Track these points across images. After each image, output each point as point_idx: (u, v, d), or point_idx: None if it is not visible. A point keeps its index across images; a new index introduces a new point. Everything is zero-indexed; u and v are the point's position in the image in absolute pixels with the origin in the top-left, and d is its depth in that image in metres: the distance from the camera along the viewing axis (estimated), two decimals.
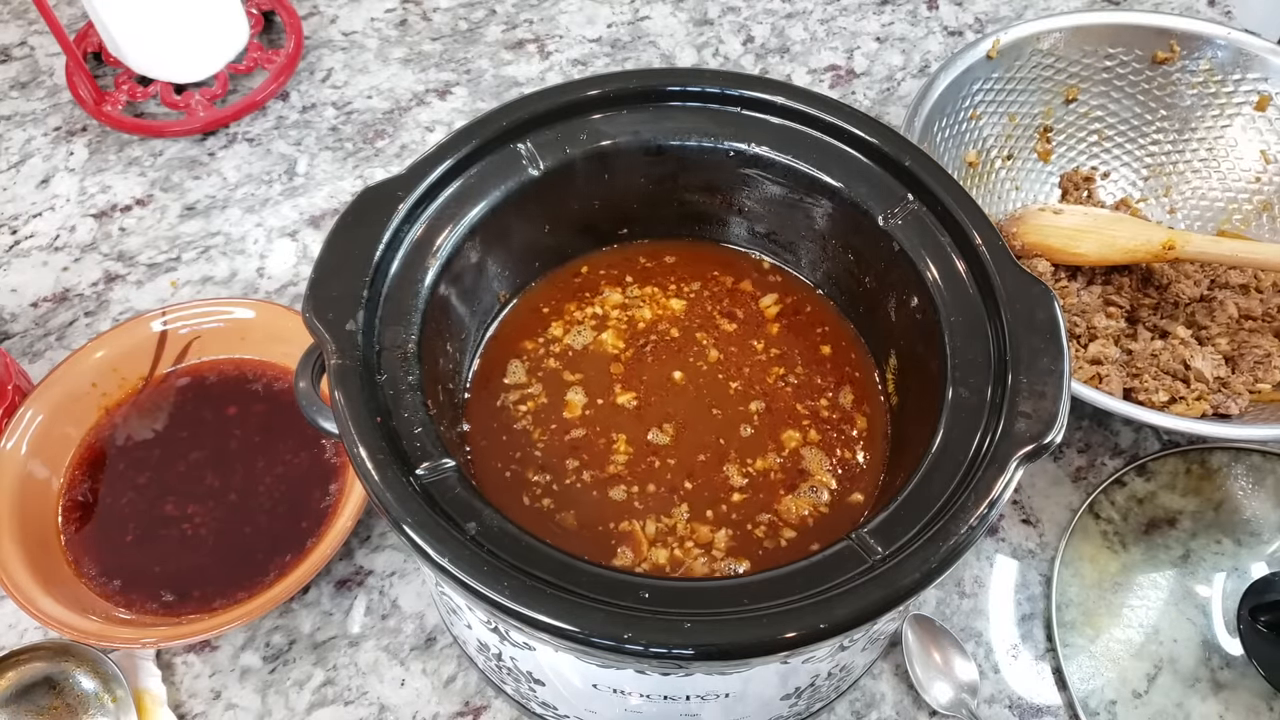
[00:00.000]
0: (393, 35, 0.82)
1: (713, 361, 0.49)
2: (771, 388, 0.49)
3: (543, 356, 0.50)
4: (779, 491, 0.45)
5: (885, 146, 0.46)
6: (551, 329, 0.51)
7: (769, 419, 0.48)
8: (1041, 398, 0.38)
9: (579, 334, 0.50)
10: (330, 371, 0.38)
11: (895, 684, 0.54)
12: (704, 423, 0.48)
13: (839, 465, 0.46)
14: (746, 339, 0.50)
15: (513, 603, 0.34)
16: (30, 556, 0.53)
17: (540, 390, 0.49)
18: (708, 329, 0.51)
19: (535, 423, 0.48)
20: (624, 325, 0.51)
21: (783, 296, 0.52)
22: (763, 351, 0.50)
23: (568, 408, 0.48)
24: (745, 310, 0.51)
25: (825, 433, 0.47)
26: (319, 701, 0.53)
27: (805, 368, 0.49)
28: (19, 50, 0.80)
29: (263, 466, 0.58)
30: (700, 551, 0.44)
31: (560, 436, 0.47)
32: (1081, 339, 0.61)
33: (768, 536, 0.44)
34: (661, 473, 0.46)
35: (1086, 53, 0.69)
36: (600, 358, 0.50)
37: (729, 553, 0.44)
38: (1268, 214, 0.68)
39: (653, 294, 0.52)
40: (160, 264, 0.69)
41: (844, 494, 0.46)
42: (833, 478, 0.46)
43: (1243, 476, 0.60)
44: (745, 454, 0.47)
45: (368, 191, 0.43)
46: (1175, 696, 0.53)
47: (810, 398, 0.48)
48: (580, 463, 0.46)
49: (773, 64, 0.82)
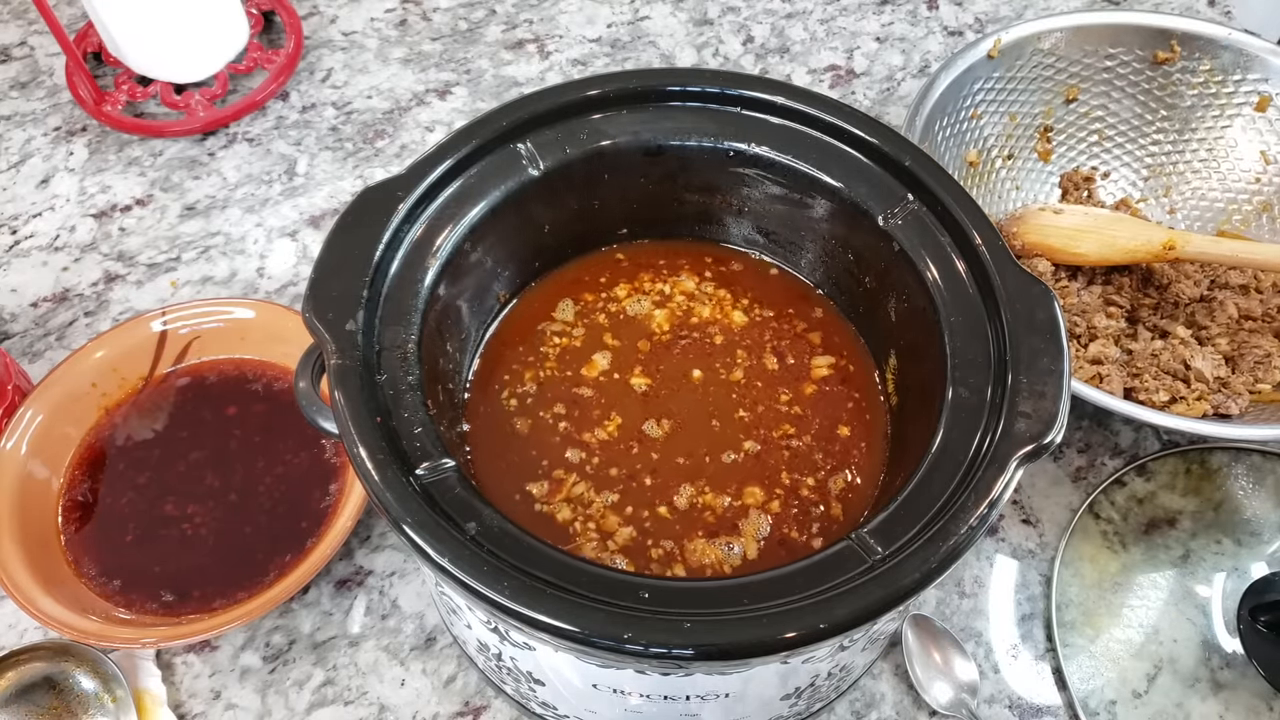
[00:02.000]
0: (393, 35, 0.82)
1: (734, 380, 0.49)
2: (772, 440, 0.47)
3: (597, 309, 0.51)
4: (697, 531, 0.44)
5: (885, 146, 0.46)
6: (616, 289, 0.52)
7: (751, 465, 0.46)
8: (1041, 398, 0.38)
9: (638, 303, 0.51)
10: (330, 371, 0.38)
11: (895, 684, 0.54)
12: (698, 431, 0.47)
13: (775, 543, 0.44)
14: (778, 383, 0.49)
15: (513, 603, 0.34)
16: (30, 556, 0.53)
17: (580, 335, 0.50)
18: (751, 351, 0.50)
19: (558, 360, 0.49)
20: (680, 312, 0.51)
21: (839, 363, 0.50)
22: (785, 403, 0.48)
23: (589, 365, 0.49)
24: (797, 359, 0.50)
25: (787, 509, 0.45)
26: (319, 701, 0.53)
27: (814, 440, 0.47)
28: (19, 50, 0.80)
29: (263, 466, 0.58)
30: (595, 535, 0.44)
31: (570, 384, 0.49)
32: (1081, 339, 0.61)
33: (657, 561, 0.44)
34: (633, 457, 0.46)
35: (1087, 53, 0.69)
36: (642, 330, 0.50)
37: (620, 549, 0.44)
38: (1268, 214, 0.68)
39: (722, 296, 0.52)
40: (160, 264, 0.69)
41: (743, 569, 0.44)
42: (755, 548, 0.44)
43: (1243, 476, 0.60)
44: (709, 479, 0.46)
45: (368, 191, 0.43)
46: (1175, 696, 0.53)
47: (799, 471, 0.46)
48: (566, 413, 0.48)
49: (773, 64, 0.82)
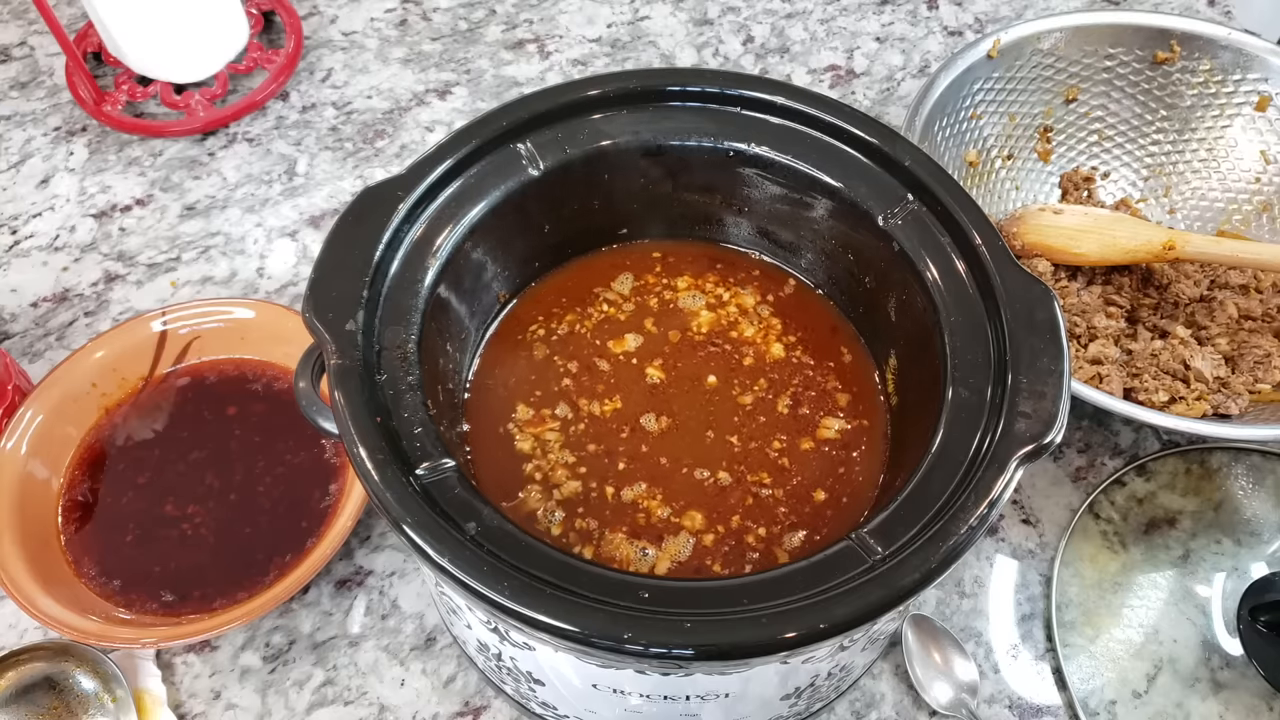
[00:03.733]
0: (393, 35, 0.82)
1: (742, 403, 0.48)
2: (745, 480, 0.45)
3: (653, 292, 0.51)
4: (623, 525, 0.44)
5: (885, 146, 0.46)
6: (679, 280, 0.52)
7: (712, 493, 0.45)
8: (1041, 398, 0.38)
9: (692, 298, 0.51)
10: (330, 371, 0.38)
11: (895, 684, 0.54)
12: (689, 439, 0.47)
13: (690, 568, 0.43)
14: (779, 428, 0.47)
15: (513, 603, 0.34)
16: (30, 556, 0.53)
17: (617, 311, 0.51)
18: (773, 387, 0.48)
19: (596, 325, 0.50)
20: (725, 321, 0.50)
21: (850, 426, 0.47)
22: (776, 450, 0.46)
23: (619, 341, 0.50)
24: (811, 411, 0.48)
25: (719, 546, 0.44)
26: (319, 701, 0.53)
27: (785, 496, 0.45)
28: (19, 50, 0.80)
29: (263, 466, 0.58)
30: (540, 481, 0.45)
31: (594, 351, 0.49)
32: (1081, 339, 0.61)
33: (576, 533, 0.44)
34: (618, 439, 0.46)
35: (1087, 53, 0.69)
36: (682, 324, 0.50)
37: (561, 503, 0.45)
38: (1268, 214, 0.68)
39: (772, 324, 0.50)
40: (160, 264, 0.69)
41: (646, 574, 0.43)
42: (666, 565, 0.43)
43: (1243, 476, 0.60)
44: (667, 488, 0.45)
45: (368, 191, 0.43)
46: (1175, 696, 0.53)
47: (754, 519, 0.45)
48: (576, 372, 0.48)
49: (773, 64, 0.82)
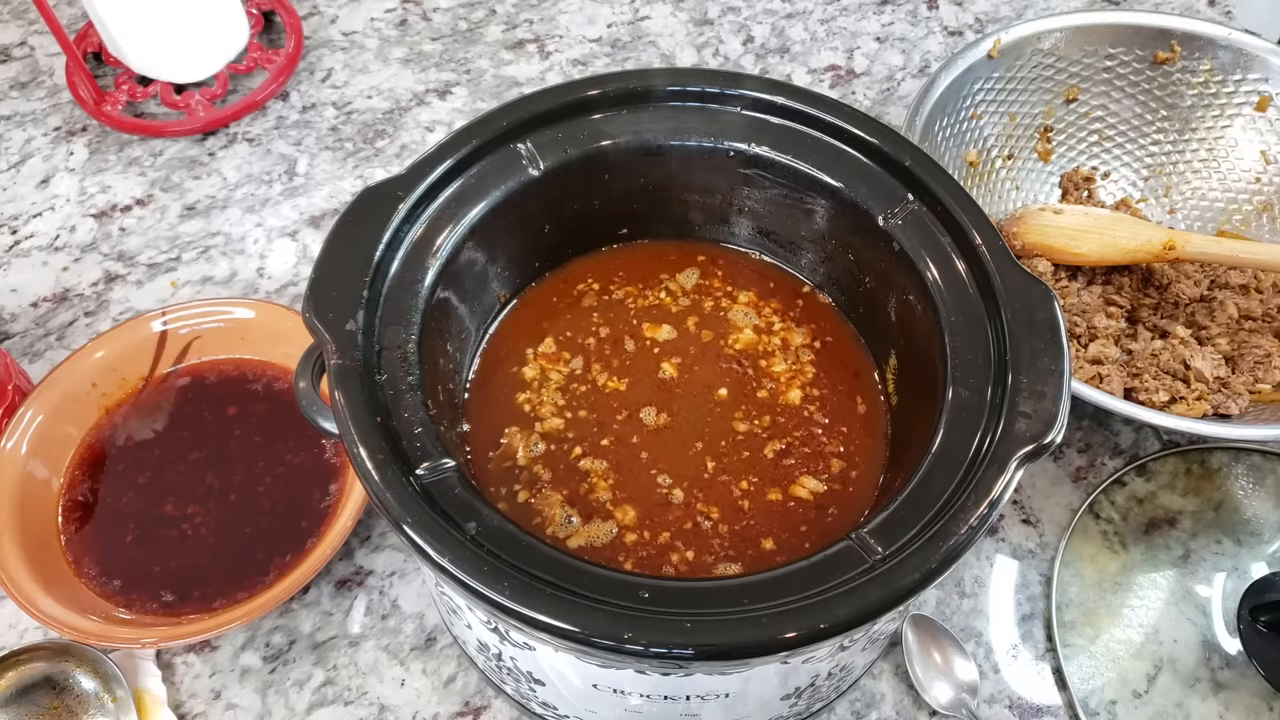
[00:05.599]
0: (393, 35, 0.82)
1: (736, 430, 0.47)
2: (694, 511, 0.45)
3: (712, 292, 0.52)
4: (563, 491, 0.45)
5: (885, 146, 0.46)
6: (740, 295, 0.52)
7: (659, 504, 0.45)
8: (1041, 398, 0.38)
9: (742, 314, 0.51)
10: (330, 371, 0.38)
11: (895, 684, 0.54)
12: (677, 445, 0.46)
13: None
14: (753, 470, 0.46)
15: (513, 603, 0.34)
16: (30, 556, 0.53)
17: (672, 301, 0.51)
18: (773, 430, 0.47)
19: (640, 310, 0.51)
20: (762, 348, 0.50)
21: (826, 490, 0.46)
22: (740, 491, 0.46)
23: (654, 328, 0.50)
24: (795, 464, 0.46)
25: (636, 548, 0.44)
26: (319, 701, 0.53)
27: (722, 536, 0.45)
28: (19, 50, 0.80)
29: (263, 466, 0.58)
30: (528, 421, 0.47)
31: (628, 331, 0.50)
32: (1081, 339, 0.61)
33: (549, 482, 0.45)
34: (610, 416, 0.46)
35: (1087, 53, 0.69)
36: (723, 331, 0.50)
37: (542, 435, 0.47)
38: (1268, 214, 0.68)
39: (807, 374, 0.49)
40: (160, 264, 0.69)
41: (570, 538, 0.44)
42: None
43: (1243, 476, 0.60)
44: (630, 482, 0.45)
45: (368, 191, 0.43)
46: (1175, 696, 0.53)
47: (697, 545, 0.44)
48: (599, 339, 0.50)
49: (773, 64, 0.82)
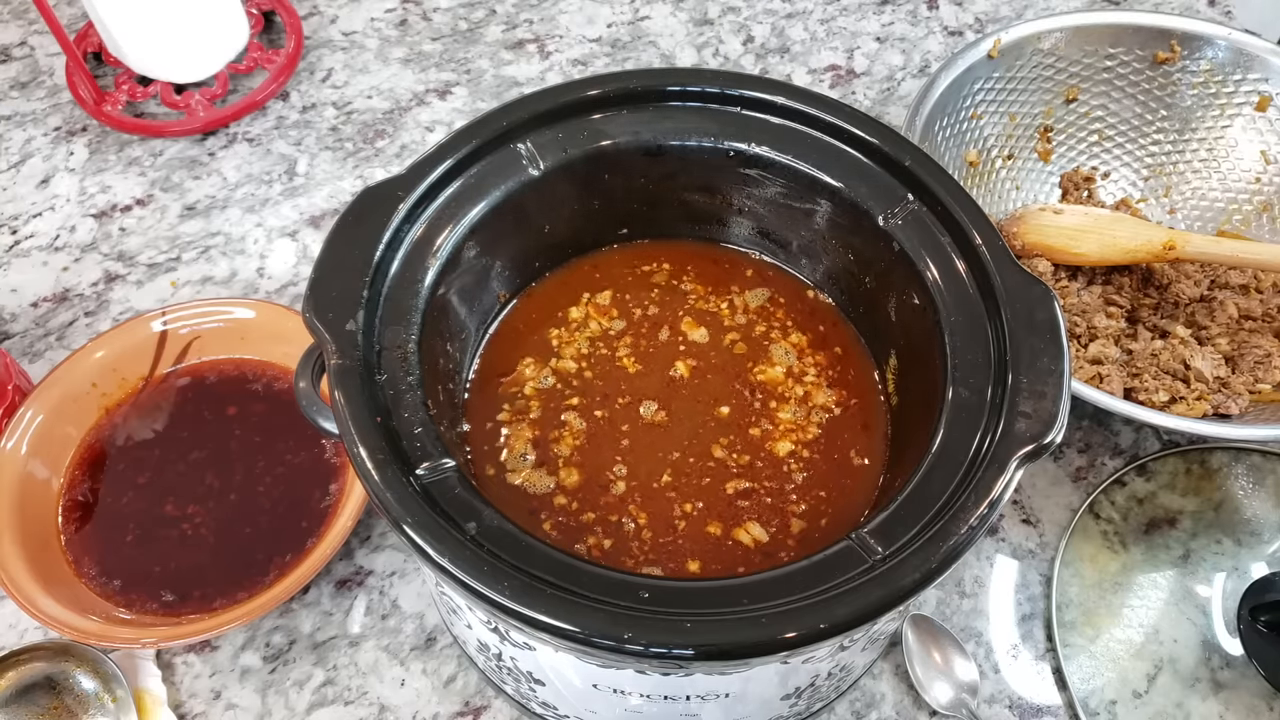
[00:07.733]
0: (393, 35, 0.82)
1: (723, 456, 0.46)
2: (670, 519, 0.45)
3: (741, 308, 0.52)
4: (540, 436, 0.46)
5: (885, 146, 0.46)
6: (789, 320, 0.52)
7: (635, 491, 0.45)
8: (1041, 398, 0.38)
9: (784, 353, 0.50)
10: (330, 371, 0.38)
11: (895, 684, 0.54)
12: (668, 442, 0.46)
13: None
14: (713, 512, 0.45)
15: (513, 603, 0.34)
16: (30, 556, 0.53)
17: (715, 305, 0.51)
18: (770, 473, 0.46)
19: (688, 294, 0.51)
20: (783, 373, 0.49)
21: (800, 530, 0.45)
22: (688, 511, 0.45)
23: (690, 324, 0.50)
24: (753, 510, 0.46)
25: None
26: (319, 701, 0.53)
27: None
28: (19, 50, 0.80)
29: (263, 466, 0.58)
30: (534, 363, 0.48)
31: (664, 320, 0.51)
32: (1081, 339, 0.61)
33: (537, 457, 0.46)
34: (606, 421, 0.46)
35: (1087, 53, 0.69)
36: (757, 355, 0.50)
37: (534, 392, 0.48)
38: (1268, 214, 0.68)
39: (825, 416, 0.48)
40: (160, 264, 0.69)
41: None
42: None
43: (1243, 476, 0.60)
44: (596, 459, 0.45)
45: (368, 191, 0.43)
46: (1175, 696, 0.53)
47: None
48: (633, 320, 0.50)
49: (773, 64, 0.82)
